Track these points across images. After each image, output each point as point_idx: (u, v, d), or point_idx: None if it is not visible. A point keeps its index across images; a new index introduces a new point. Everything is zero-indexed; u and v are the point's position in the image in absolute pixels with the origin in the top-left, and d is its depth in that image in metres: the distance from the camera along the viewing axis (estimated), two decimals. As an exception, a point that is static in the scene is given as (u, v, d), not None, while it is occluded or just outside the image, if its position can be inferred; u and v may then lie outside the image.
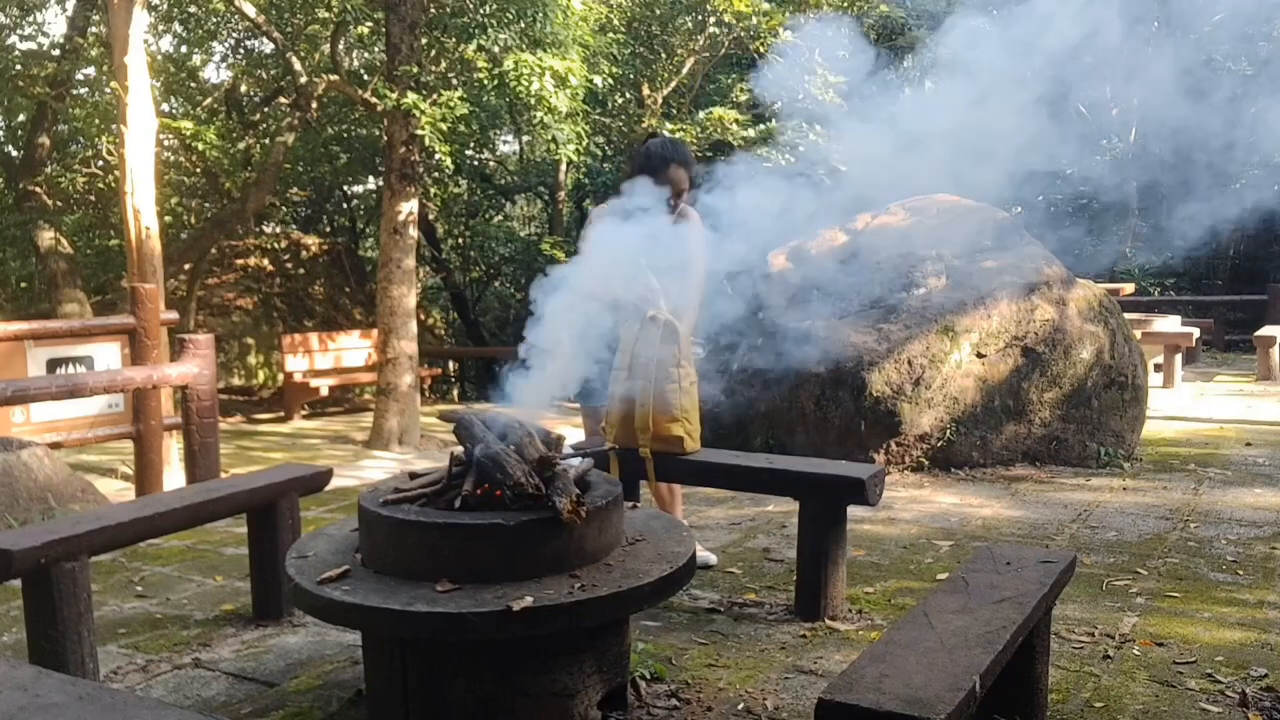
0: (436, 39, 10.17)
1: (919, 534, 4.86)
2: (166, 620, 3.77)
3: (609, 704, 2.68)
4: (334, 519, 4.52)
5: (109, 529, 3.17)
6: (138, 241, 8.31)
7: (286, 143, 12.57)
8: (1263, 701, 2.95)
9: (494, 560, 2.44)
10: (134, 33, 8.21)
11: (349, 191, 18.48)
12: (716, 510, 5.43)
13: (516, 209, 21.63)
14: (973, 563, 2.84)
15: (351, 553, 2.69)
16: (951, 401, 6.07)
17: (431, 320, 18.80)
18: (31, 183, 13.16)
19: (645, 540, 2.78)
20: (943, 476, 6.05)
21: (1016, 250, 6.90)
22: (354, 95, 10.97)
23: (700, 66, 12.96)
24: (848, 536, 3.77)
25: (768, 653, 3.34)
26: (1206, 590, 3.97)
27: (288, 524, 3.71)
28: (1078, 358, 6.34)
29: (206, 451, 6.18)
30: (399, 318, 9.93)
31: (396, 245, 9.85)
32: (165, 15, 13.71)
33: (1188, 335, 10.65)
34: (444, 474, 2.73)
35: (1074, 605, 3.76)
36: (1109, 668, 3.21)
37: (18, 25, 13.86)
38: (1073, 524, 5.02)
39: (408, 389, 9.99)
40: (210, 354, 6.20)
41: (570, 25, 9.83)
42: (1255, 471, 6.28)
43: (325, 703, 2.98)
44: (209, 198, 14.89)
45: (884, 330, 6.22)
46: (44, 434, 6.31)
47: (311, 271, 17.37)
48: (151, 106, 8.49)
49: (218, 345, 11.84)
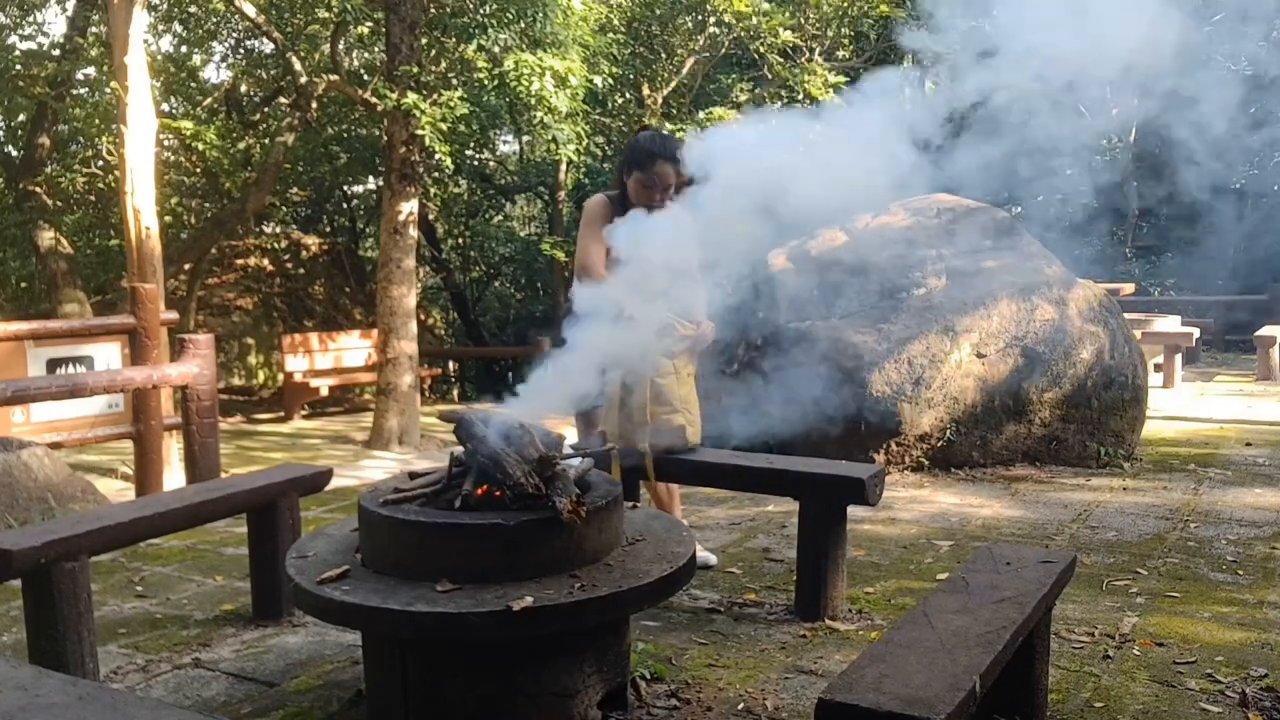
0: (436, 39, 10.17)
1: (919, 534, 4.86)
2: (166, 620, 3.77)
3: (609, 704, 2.68)
4: (334, 519, 4.52)
5: (109, 529, 3.17)
6: (138, 241, 8.31)
7: (286, 143, 12.56)
8: (1263, 701, 2.95)
9: (494, 560, 2.44)
10: (134, 33, 8.21)
11: (349, 191, 18.47)
12: (716, 510, 5.43)
13: (516, 209, 21.62)
14: (973, 563, 2.84)
15: (351, 553, 2.69)
16: (951, 401, 6.07)
17: (431, 320, 18.80)
18: (31, 183, 13.15)
19: (645, 540, 2.78)
20: (943, 476, 6.05)
21: (1016, 250, 6.91)
22: (354, 95, 10.97)
23: (700, 66, 12.95)
24: (848, 536, 3.77)
25: (768, 653, 3.34)
26: (1206, 590, 3.97)
27: (288, 524, 3.71)
28: (1078, 358, 6.34)
29: (206, 451, 6.18)
30: (399, 318, 9.92)
31: (396, 245, 9.85)
32: (165, 15, 13.71)
33: (1188, 335, 10.65)
34: (444, 474, 2.73)
35: (1074, 605, 3.76)
36: (1109, 668, 3.21)
37: (18, 25, 13.86)
38: (1073, 524, 5.02)
39: (408, 389, 9.99)
40: (210, 354, 6.20)
41: (570, 25, 9.83)
42: (1255, 471, 6.28)
43: (325, 703, 2.98)
44: (209, 198, 14.88)
45: (884, 330, 6.22)
46: (44, 434, 6.31)
47: (311, 271, 17.38)
48: (151, 106, 8.48)
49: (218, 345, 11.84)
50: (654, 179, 3.88)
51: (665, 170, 3.88)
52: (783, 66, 12.35)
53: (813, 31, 12.93)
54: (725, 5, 11.66)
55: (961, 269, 6.63)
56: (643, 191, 3.91)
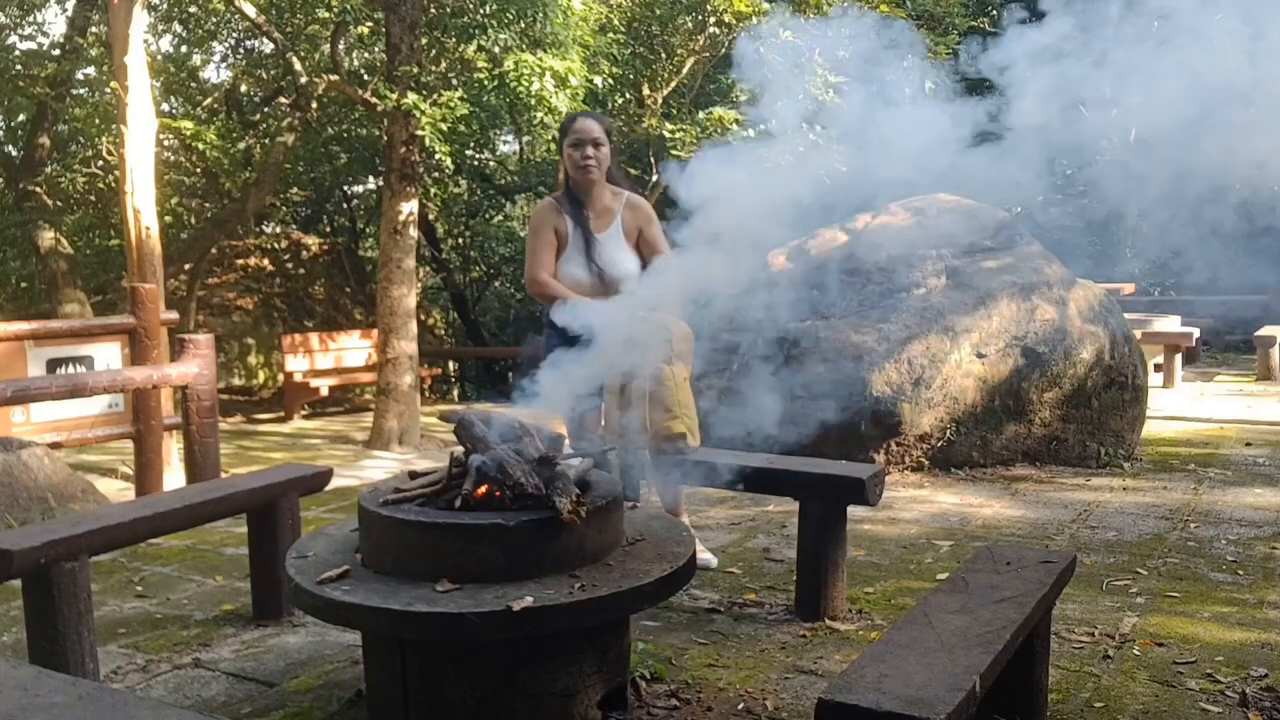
0: (436, 39, 10.17)
1: (919, 534, 4.86)
2: (166, 620, 3.77)
3: (609, 704, 2.68)
4: (334, 519, 4.52)
5: (109, 529, 3.17)
6: (138, 241, 8.31)
7: (286, 143, 12.56)
8: (1263, 701, 2.95)
9: (494, 560, 2.44)
10: (134, 33, 8.21)
11: (349, 191, 18.47)
12: (716, 510, 5.43)
13: (516, 209, 21.61)
14: (973, 563, 2.84)
15: (351, 553, 2.69)
16: (951, 401, 6.07)
17: (431, 320, 18.79)
18: (31, 183, 13.15)
19: (645, 540, 2.78)
20: (943, 476, 6.05)
21: (1016, 250, 6.91)
22: (354, 95, 10.97)
23: (700, 66, 12.94)
24: (848, 536, 3.77)
25: (768, 653, 3.34)
26: (1206, 590, 3.97)
27: (288, 524, 3.71)
28: (1078, 358, 6.34)
29: (206, 451, 6.18)
30: (399, 318, 9.92)
31: (396, 245, 9.84)
32: (165, 15, 13.71)
33: (1188, 335, 10.64)
34: (444, 474, 2.73)
35: (1074, 605, 3.76)
36: (1109, 668, 3.21)
37: (18, 25, 13.86)
38: (1073, 524, 5.01)
39: (408, 389, 9.99)
40: (210, 354, 6.20)
41: (570, 25, 9.82)
42: (1255, 471, 6.28)
43: (325, 703, 2.98)
44: (209, 198, 14.89)
45: (884, 330, 6.21)
46: (44, 434, 6.31)
47: (312, 271, 17.37)
48: (151, 106, 8.48)
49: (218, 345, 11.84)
50: (578, 137, 3.95)
51: (586, 125, 3.96)
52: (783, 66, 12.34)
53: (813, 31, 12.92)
54: (725, 5, 11.65)
55: (961, 269, 6.63)
56: (574, 156, 3.97)
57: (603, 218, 4.05)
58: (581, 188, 4.03)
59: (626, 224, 4.06)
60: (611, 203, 4.07)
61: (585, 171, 3.96)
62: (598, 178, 4.00)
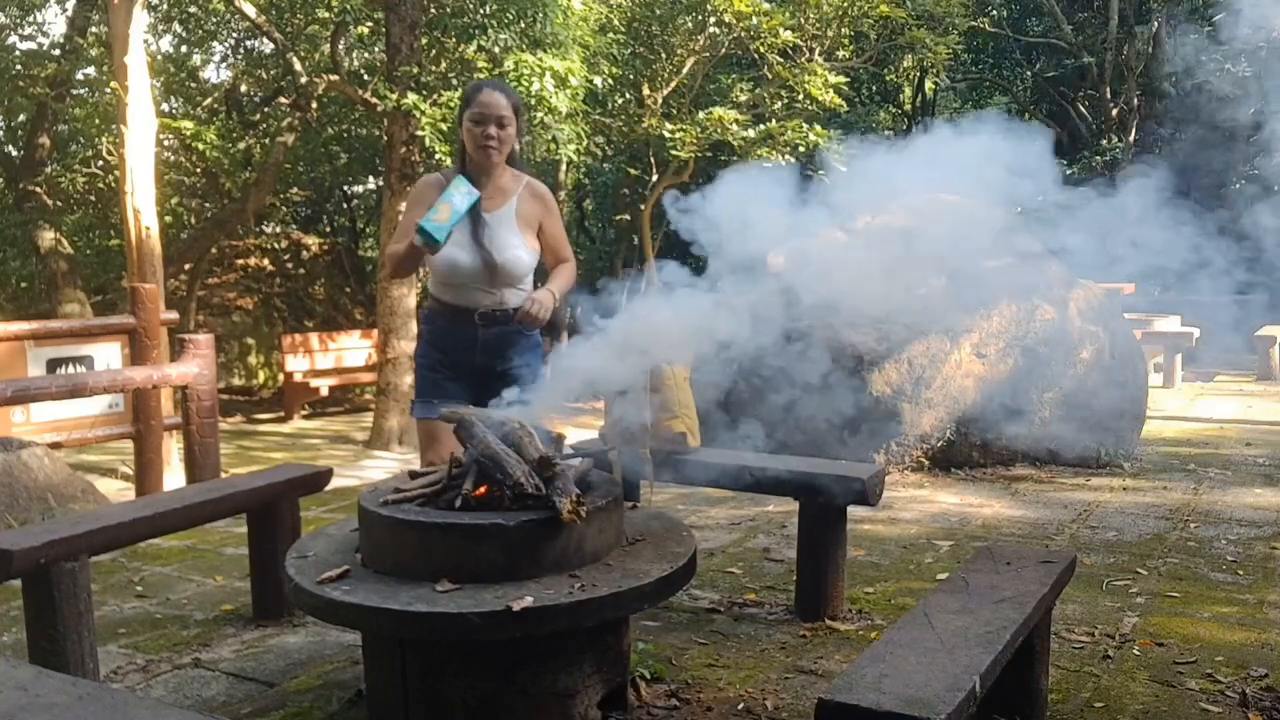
0: (436, 39, 10.17)
1: (919, 534, 4.86)
2: (166, 620, 3.77)
3: (609, 704, 2.68)
4: (334, 519, 4.52)
5: (109, 529, 3.17)
6: (138, 241, 8.31)
7: (286, 143, 12.56)
8: (1263, 701, 2.95)
9: (494, 560, 2.44)
10: (134, 33, 8.21)
11: (349, 191, 18.47)
12: (716, 510, 5.43)
13: (516, 209, 21.59)
14: (973, 563, 2.84)
15: (351, 553, 2.69)
16: (952, 401, 6.07)
17: (432, 320, 18.76)
18: (31, 183, 13.15)
19: (645, 540, 2.78)
20: (943, 476, 6.05)
21: (1017, 250, 6.90)
22: (354, 95, 10.98)
23: (700, 66, 12.94)
24: (848, 536, 3.77)
25: (768, 653, 3.34)
26: (1206, 590, 3.97)
27: (288, 524, 3.71)
28: (1078, 358, 6.34)
29: (206, 451, 6.18)
30: (399, 318, 9.93)
31: (397, 245, 9.84)
32: (165, 15, 13.71)
33: (1188, 335, 10.65)
34: (444, 474, 2.73)
35: (1074, 605, 3.76)
36: (1109, 668, 3.21)
37: (18, 25, 13.86)
38: (1073, 524, 5.01)
39: (408, 389, 9.98)
40: (210, 354, 6.20)
41: (570, 25, 9.83)
42: (1255, 471, 6.28)
43: (325, 703, 2.98)
44: (209, 198, 14.88)
45: (884, 330, 6.21)
46: (44, 434, 6.31)
47: (312, 271, 17.36)
48: (151, 106, 8.48)
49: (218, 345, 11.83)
50: (481, 112, 3.42)
51: (492, 99, 3.44)
52: (783, 66, 12.34)
53: (813, 31, 12.92)
54: (725, 5, 11.66)
55: (961, 269, 6.62)
56: (475, 133, 3.44)
57: (496, 198, 3.53)
58: (479, 168, 3.51)
59: (523, 209, 3.57)
60: (509, 184, 3.58)
61: (485, 153, 3.46)
62: (499, 161, 3.52)
